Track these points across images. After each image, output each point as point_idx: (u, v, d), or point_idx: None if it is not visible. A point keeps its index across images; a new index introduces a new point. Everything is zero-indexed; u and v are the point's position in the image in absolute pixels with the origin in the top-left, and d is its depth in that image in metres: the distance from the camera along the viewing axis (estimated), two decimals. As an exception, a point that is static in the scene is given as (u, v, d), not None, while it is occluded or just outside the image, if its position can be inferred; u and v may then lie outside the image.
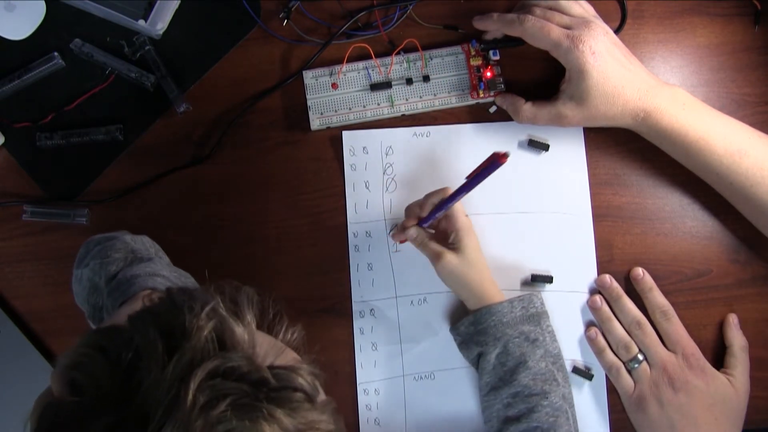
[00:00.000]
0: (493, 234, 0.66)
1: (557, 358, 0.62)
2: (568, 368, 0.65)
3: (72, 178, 0.68)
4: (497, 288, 0.63)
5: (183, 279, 0.57)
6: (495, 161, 0.49)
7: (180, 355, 0.32)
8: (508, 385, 0.60)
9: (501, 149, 0.49)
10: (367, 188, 0.67)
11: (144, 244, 0.59)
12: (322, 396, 0.39)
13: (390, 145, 0.67)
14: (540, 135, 0.67)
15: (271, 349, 0.37)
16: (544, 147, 0.67)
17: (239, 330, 0.35)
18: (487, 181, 0.51)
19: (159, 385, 0.32)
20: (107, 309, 0.54)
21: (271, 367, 0.34)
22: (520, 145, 0.67)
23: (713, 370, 0.63)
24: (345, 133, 0.67)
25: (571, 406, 0.61)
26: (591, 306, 0.66)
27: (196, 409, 0.31)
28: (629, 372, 0.64)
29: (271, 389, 0.33)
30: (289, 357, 0.40)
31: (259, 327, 0.42)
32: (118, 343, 0.33)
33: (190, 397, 0.31)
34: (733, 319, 0.66)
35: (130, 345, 0.33)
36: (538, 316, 0.62)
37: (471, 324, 0.62)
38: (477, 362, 0.63)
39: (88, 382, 0.33)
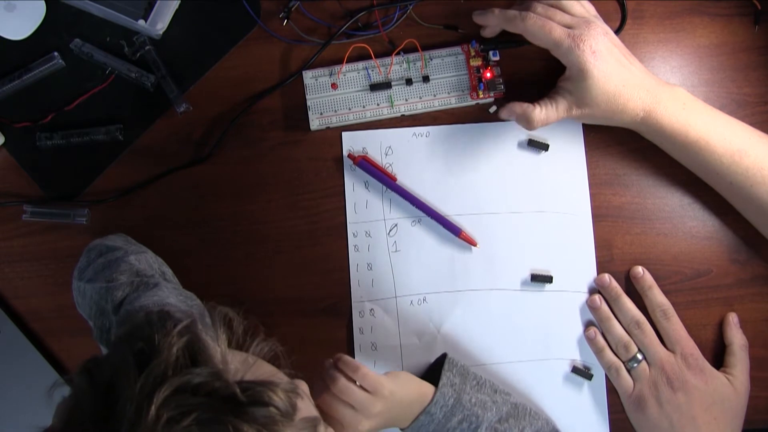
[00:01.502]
0: (492, 234, 0.66)
1: (500, 410, 0.59)
2: (568, 368, 0.65)
3: (72, 178, 0.68)
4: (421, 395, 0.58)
5: (189, 302, 0.57)
6: None
7: (149, 370, 0.33)
8: None
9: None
10: (367, 188, 0.67)
11: (148, 261, 0.59)
12: (307, 411, 0.38)
13: (389, 145, 0.67)
14: (540, 135, 0.67)
15: (243, 364, 0.36)
16: (544, 147, 0.67)
17: (211, 346, 0.35)
18: (487, 182, 0.51)
19: (128, 402, 0.32)
20: None
21: (241, 383, 0.34)
22: (520, 145, 0.67)
23: (712, 369, 0.63)
24: (345, 134, 0.67)
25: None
26: (590, 305, 0.66)
27: (159, 424, 0.31)
28: (628, 371, 0.64)
29: (239, 404, 0.33)
30: (264, 370, 0.40)
31: (235, 344, 0.42)
32: (101, 366, 0.35)
33: (153, 412, 0.31)
34: (732, 318, 0.65)
35: (109, 365, 0.34)
36: (458, 401, 0.58)
37: None
38: None
39: (72, 404, 0.35)
